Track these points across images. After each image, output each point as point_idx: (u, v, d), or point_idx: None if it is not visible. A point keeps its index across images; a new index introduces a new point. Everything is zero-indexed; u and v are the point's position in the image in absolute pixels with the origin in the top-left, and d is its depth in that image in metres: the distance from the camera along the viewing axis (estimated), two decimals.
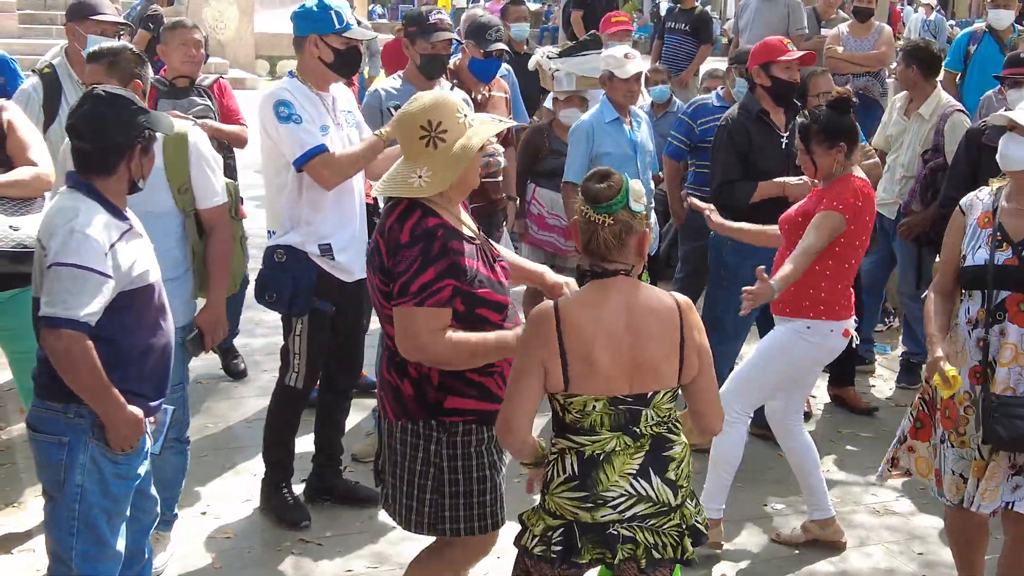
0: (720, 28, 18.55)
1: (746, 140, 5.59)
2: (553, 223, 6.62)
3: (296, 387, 4.81)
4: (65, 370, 3.30)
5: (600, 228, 3.10)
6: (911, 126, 6.76)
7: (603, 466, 3.10)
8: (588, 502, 3.10)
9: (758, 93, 5.65)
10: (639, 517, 3.12)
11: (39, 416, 3.46)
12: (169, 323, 3.61)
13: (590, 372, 3.07)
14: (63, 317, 3.25)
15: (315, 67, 4.61)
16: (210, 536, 4.78)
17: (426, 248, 3.30)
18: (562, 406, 3.14)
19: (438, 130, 3.38)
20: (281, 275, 4.59)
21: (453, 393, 3.42)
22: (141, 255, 3.47)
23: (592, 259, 3.16)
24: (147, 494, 3.75)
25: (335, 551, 4.68)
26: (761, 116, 5.63)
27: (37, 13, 17.62)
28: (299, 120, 4.46)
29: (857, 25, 9.47)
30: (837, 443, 6.05)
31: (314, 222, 4.59)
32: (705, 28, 10.82)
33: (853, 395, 6.56)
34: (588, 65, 6.73)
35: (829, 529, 4.87)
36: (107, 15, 5.23)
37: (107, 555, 3.52)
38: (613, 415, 3.10)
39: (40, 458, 3.49)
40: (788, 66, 5.53)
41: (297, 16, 4.64)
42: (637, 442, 3.12)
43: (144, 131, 3.46)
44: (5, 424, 5.68)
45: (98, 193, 3.40)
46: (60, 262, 3.27)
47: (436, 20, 5.43)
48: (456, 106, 3.45)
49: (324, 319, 4.73)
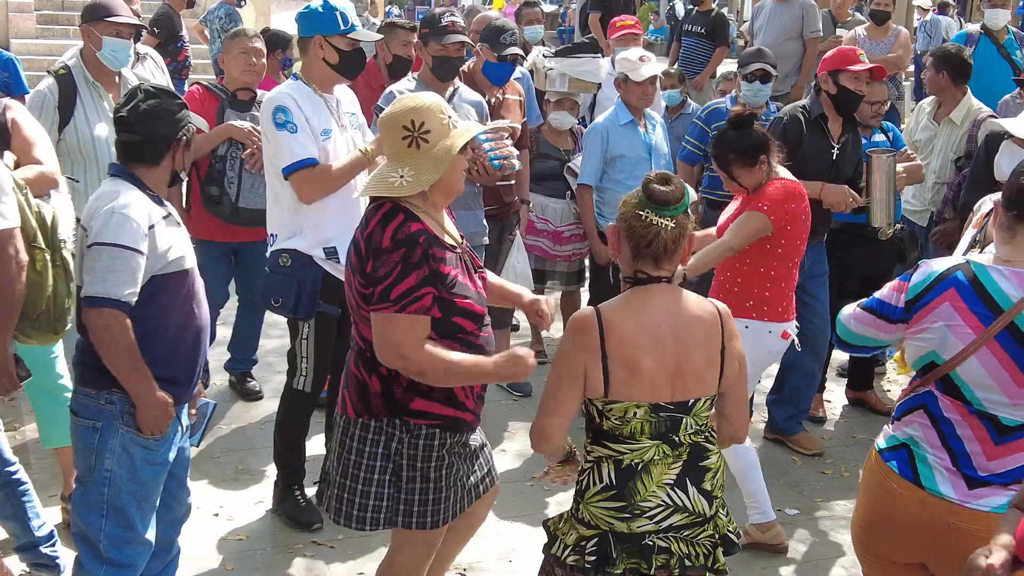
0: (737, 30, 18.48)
1: (798, 139, 5.55)
2: (542, 227, 6.61)
3: (304, 390, 4.82)
4: (103, 347, 3.42)
5: (663, 231, 3.06)
6: (941, 132, 6.71)
7: (641, 476, 3.08)
8: (625, 512, 3.08)
9: (822, 99, 5.61)
10: (674, 528, 3.11)
11: (78, 401, 3.57)
12: (204, 311, 3.69)
13: (632, 378, 3.04)
14: (104, 296, 3.37)
15: (320, 68, 4.60)
16: (223, 538, 4.78)
17: (408, 254, 3.28)
18: (600, 412, 3.10)
19: (421, 130, 3.37)
20: (287, 279, 4.58)
21: (420, 395, 3.42)
22: (178, 241, 3.57)
23: (641, 264, 3.11)
24: (182, 483, 3.83)
25: (347, 553, 4.68)
26: (819, 121, 5.60)
27: (55, 14, 17.66)
28: (294, 129, 4.45)
29: (874, 28, 9.44)
30: (852, 448, 6.02)
31: (320, 226, 4.57)
32: (721, 30, 10.79)
33: (875, 398, 6.55)
34: (581, 68, 6.72)
35: (769, 533, 4.86)
36: (122, 16, 5.21)
37: (136, 540, 3.59)
38: (654, 423, 3.08)
39: (76, 442, 3.59)
40: (857, 76, 5.48)
41: (302, 17, 4.63)
42: (676, 451, 3.11)
43: (186, 125, 3.61)
44: (19, 424, 5.69)
45: (140, 181, 3.54)
46: (101, 241, 3.40)
47: (448, 23, 5.43)
48: (439, 107, 3.43)
49: (330, 322, 4.73)
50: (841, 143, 5.62)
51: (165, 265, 3.49)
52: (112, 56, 5.17)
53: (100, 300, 3.38)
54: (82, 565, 3.61)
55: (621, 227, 3.13)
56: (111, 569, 3.56)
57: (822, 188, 5.44)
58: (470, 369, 3.37)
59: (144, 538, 3.61)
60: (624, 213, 3.12)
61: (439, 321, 3.34)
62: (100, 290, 3.38)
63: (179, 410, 3.65)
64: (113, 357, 3.43)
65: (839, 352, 6.93)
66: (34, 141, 4.30)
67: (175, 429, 3.64)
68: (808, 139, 5.56)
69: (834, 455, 5.90)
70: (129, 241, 3.39)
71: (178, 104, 3.61)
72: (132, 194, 3.47)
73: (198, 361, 3.69)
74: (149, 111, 3.53)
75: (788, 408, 5.94)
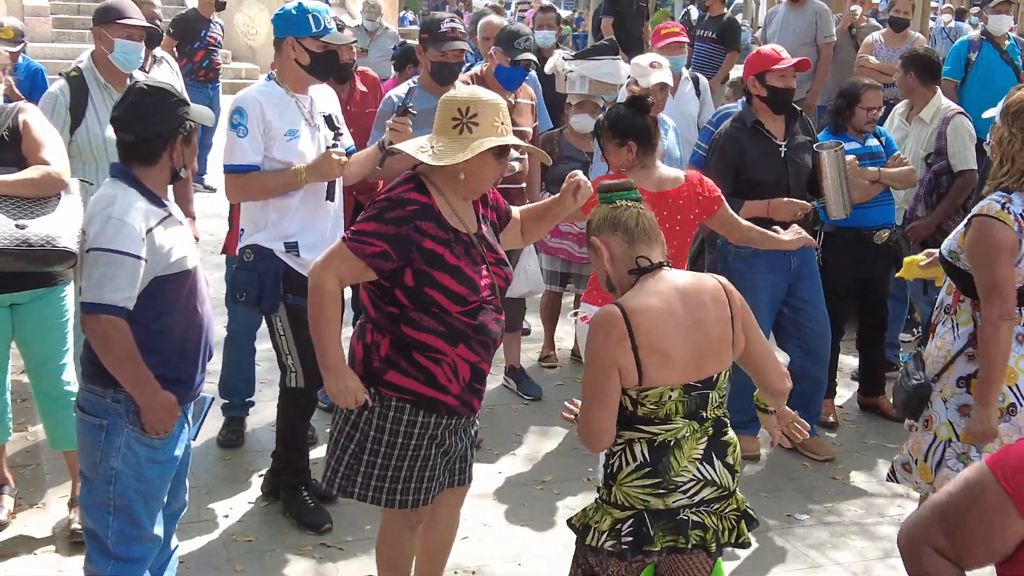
0: (752, 36, 18.47)
1: (739, 153, 5.54)
2: (566, 230, 6.60)
3: (299, 386, 4.82)
4: (103, 353, 3.43)
5: (641, 211, 3.24)
6: (912, 130, 6.79)
7: (673, 452, 3.14)
8: (661, 488, 3.13)
9: (755, 104, 5.60)
10: (705, 502, 3.18)
11: (85, 398, 3.58)
12: (207, 310, 3.70)
13: (664, 363, 3.09)
14: (101, 302, 3.37)
15: (292, 69, 4.69)
16: (232, 539, 4.78)
17: (386, 208, 3.48)
18: (634, 401, 3.14)
19: (470, 118, 3.49)
20: (248, 273, 4.66)
21: (395, 369, 3.56)
22: (180, 241, 3.56)
23: (639, 250, 3.21)
24: (181, 480, 3.83)
25: (356, 555, 4.67)
26: (756, 127, 5.58)
27: (71, 18, 17.76)
28: (243, 133, 4.57)
29: (892, 35, 9.42)
30: (863, 454, 5.99)
31: (281, 222, 4.67)
32: (732, 35, 10.77)
33: (886, 404, 6.52)
34: (601, 70, 6.72)
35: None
36: (134, 19, 5.22)
37: (143, 537, 3.60)
38: (687, 402, 3.15)
39: (82, 439, 3.59)
40: (783, 74, 5.49)
41: (277, 18, 4.76)
42: (703, 426, 3.19)
43: (185, 122, 3.58)
44: (30, 425, 5.71)
45: (138, 182, 3.52)
46: (97, 247, 3.40)
47: (448, 29, 5.48)
48: (498, 108, 3.54)
49: (303, 313, 4.74)
50: (787, 139, 5.61)
51: (167, 266, 3.49)
52: (123, 58, 5.18)
53: (97, 307, 3.38)
54: (91, 560, 3.63)
55: (605, 233, 3.23)
56: (119, 565, 3.57)
57: (768, 206, 5.41)
58: (321, 338, 3.56)
59: (152, 534, 3.62)
60: (598, 221, 3.25)
61: (412, 290, 3.48)
62: (97, 296, 3.38)
63: (185, 408, 3.65)
64: (113, 362, 3.43)
65: (848, 357, 6.95)
66: (44, 143, 4.32)
67: (181, 426, 3.65)
68: (750, 148, 5.55)
69: (845, 461, 5.87)
70: (126, 246, 3.38)
71: (175, 101, 3.59)
72: (129, 197, 3.46)
73: (204, 360, 3.69)
74: (143, 109, 3.52)
75: (799, 414, 5.91)
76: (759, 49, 5.77)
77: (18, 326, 4.55)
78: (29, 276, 4.28)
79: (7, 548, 4.61)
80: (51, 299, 4.52)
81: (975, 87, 8.57)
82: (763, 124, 5.58)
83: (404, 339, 3.55)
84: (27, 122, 4.35)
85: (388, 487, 3.63)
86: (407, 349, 3.55)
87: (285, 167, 4.61)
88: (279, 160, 4.63)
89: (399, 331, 3.54)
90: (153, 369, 3.46)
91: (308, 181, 4.60)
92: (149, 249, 3.42)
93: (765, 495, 5.41)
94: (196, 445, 4.41)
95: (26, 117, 4.37)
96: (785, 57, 5.53)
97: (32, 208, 4.14)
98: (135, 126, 3.51)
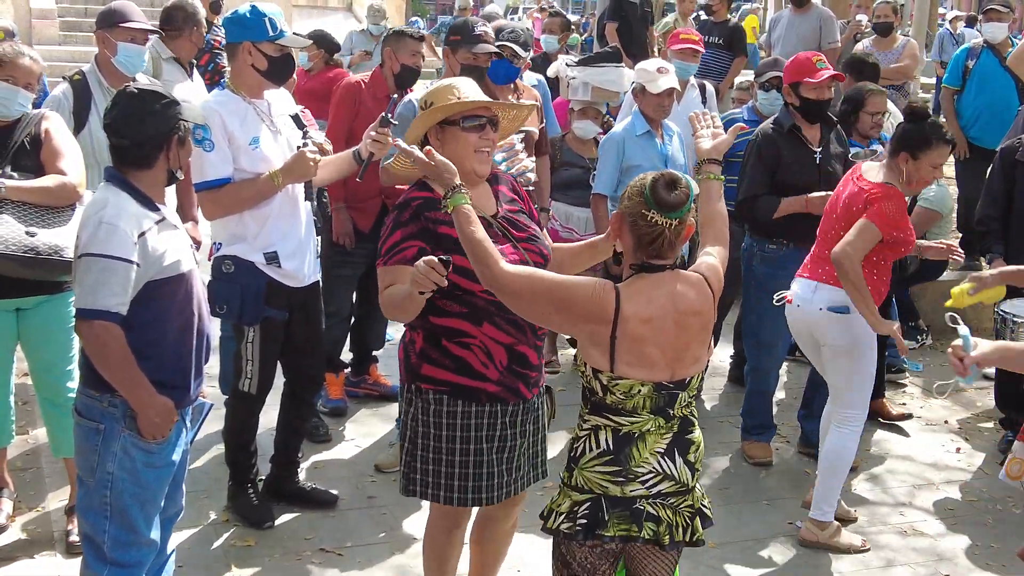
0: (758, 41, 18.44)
1: (775, 155, 5.57)
2: (567, 236, 6.57)
3: (250, 392, 4.83)
4: (97, 359, 3.42)
5: (667, 230, 3.14)
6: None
7: (637, 443, 3.19)
8: (620, 476, 3.18)
9: (791, 110, 5.62)
10: (662, 495, 3.21)
11: (82, 402, 3.57)
12: (203, 313, 3.69)
13: (638, 362, 3.13)
14: (94, 308, 3.36)
15: (249, 74, 4.61)
16: (231, 543, 4.77)
17: (398, 215, 3.59)
18: (605, 387, 3.17)
19: (429, 107, 3.63)
20: (230, 286, 4.62)
21: (428, 361, 3.62)
22: (174, 245, 3.54)
23: (646, 256, 3.18)
24: (178, 484, 3.81)
25: (355, 561, 4.67)
26: (794, 131, 5.60)
27: (78, 21, 17.78)
28: (210, 147, 4.48)
29: (880, 39, 9.48)
30: (866, 462, 5.96)
31: (260, 233, 4.62)
32: (739, 41, 10.78)
33: (884, 406, 6.51)
34: (604, 77, 6.70)
35: (826, 532, 4.97)
36: (137, 22, 5.22)
37: (140, 542, 3.59)
38: (655, 399, 3.18)
39: (79, 443, 3.58)
40: (817, 86, 5.49)
41: (229, 22, 4.63)
42: (668, 423, 3.22)
43: (178, 123, 3.56)
44: (31, 429, 5.71)
45: (132, 186, 3.50)
46: (89, 252, 3.38)
47: (481, 32, 5.48)
48: (452, 88, 3.63)
49: (276, 327, 4.78)
50: (823, 145, 5.62)
51: (160, 270, 3.46)
52: (127, 62, 5.18)
53: (90, 312, 3.36)
54: (88, 565, 3.62)
55: (626, 219, 3.19)
56: (115, 569, 3.56)
57: (807, 201, 5.43)
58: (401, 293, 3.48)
59: (148, 539, 3.60)
60: (629, 208, 3.18)
61: None
62: (90, 302, 3.36)
63: (183, 412, 3.64)
64: (107, 368, 3.42)
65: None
66: (63, 152, 4.34)
67: (179, 431, 3.63)
68: (786, 152, 5.57)
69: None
70: (118, 251, 3.36)
71: (166, 103, 3.55)
72: (121, 201, 3.44)
73: (200, 364, 3.68)
74: (134, 114, 3.49)
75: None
76: (797, 56, 5.72)
77: (23, 330, 4.54)
78: (35, 281, 4.28)
79: (6, 551, 4.60)
80: (57, 305, 4.51)
81: (972, 94, 8.63)
82: (800, 129, 5.60)
83: (434, 330, 3.59)
84: (49, 130, 4.36)
85: (432, 481, 3.67)
86: (436, 339, 3.59)
87: (254, 176, 4.55)
88: (247, 170, 4.55)
89: (428, 323, 3.58)
90: (148, 374, 3.44)
91: (285, 184, 4.55)
92: (142, 253, 3.40)
93: (766, 503, 5.40)
94: (194, 449, 4.41)
95: (49, 125, 4.39)
96: (822, 68, 5.51)
97: (47, 217, 4.14)
98: (128, 131, 3.48)
